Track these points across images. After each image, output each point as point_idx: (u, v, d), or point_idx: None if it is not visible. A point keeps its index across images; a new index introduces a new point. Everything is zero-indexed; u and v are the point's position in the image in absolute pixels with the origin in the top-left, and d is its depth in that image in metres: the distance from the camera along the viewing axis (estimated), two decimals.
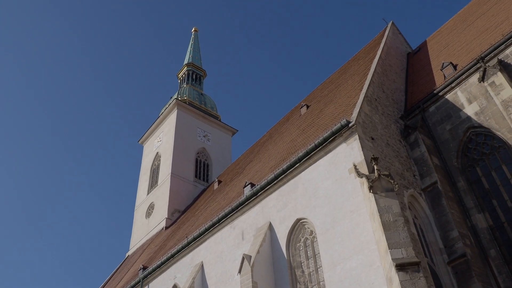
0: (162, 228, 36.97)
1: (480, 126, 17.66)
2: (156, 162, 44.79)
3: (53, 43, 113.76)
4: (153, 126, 47.85)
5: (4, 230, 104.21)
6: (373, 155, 14.63)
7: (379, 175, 13.89)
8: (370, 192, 13.69)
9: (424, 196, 16.96)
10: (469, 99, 18.43)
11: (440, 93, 19.58)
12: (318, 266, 16.09)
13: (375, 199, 13.47)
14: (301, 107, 28.16)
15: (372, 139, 16.53)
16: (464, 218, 16.62)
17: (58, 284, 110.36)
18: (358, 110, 16.87)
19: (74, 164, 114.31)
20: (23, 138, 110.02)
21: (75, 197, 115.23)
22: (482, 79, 17.71)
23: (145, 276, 25.49)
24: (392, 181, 13.88)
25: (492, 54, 18.09)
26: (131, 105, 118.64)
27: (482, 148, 17.49)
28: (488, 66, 17.64)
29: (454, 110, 18.81)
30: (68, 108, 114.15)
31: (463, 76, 18.89)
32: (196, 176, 42.28)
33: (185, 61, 55.15)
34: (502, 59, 17.77)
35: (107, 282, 39.80)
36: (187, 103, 46.77)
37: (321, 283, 15.69)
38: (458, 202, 17.06)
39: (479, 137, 17.71)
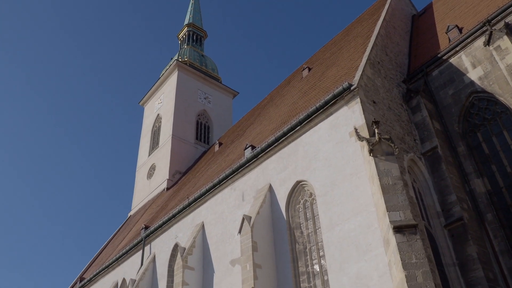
0: (164, 189, 37.39)
1: (483, 91, 17.53)
2: (157, 124, 44.82)
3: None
4: (154, 87, 47.58)
5: (6, 192, 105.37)
6: (374, 118, 14.60)
7: (379, 138, 13.90)
8: (370, 155, 13.74)
9: (424, 161, 17.05)
10: (473, 64, 18.20)
11: (444, 57, 19.33)
12: (317, 227, 16.36)
13: (375, 163, 13.55)
14: (303, 70, 27.90)
15: (374, 102, 16.46)
16: (462, 182, 16.76)
17: (62, 243, 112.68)
18: (360, 73, 16.71)
19: (76, 125, 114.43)
20: (24, 99, 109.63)
21: (78, 158, 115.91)
22: (487, 43, 17.43)
23: (147, 235, 25.97)
24: (393, 145, 13.91)
25: (499, 17, 17.73)
26: (132, 66, 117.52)
27: (484, 114, 17.43)
28: (495, 29, 17.33)
29: (458, 75, 18.62)
30: (69, 70, 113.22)
31: (468, 40, 18.58)
32: (197, 138, 42.39)
33: (186, 22, 54.20)
34: (509, 23, 17.44)
35: (110, 241, 40.63)
36: (188, 64, 46.30)
37: (319, 243, 16.00)
38: (458, 167, 17.16)
39: (482, 102, 17.61)
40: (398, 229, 12.01)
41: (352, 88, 16.10)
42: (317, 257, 15.99)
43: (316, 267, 15.88)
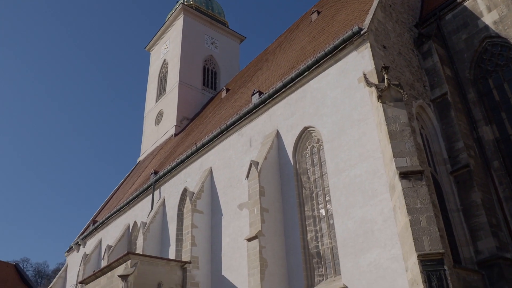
0: (172, 135, 37.65)
1: (498, 36, 17.05)
2: (163, 70, 44.43)
3: None
4: (160, 32, 46.69)
5: (22, 141, 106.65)
6: (383, 64, 14.33)
7: (388, 84, 13.71)
8: (378, 101, 13.62)
9: (433, 107, 16.91)
10: (489, 7, 17.59)
11: (458, 0, 18.66)
12: (323, 173, 16.55)
13: (383, 109, 13.45)
14: (312, 13, 27.14)
15: (384, 47, 16.11)
16: (470, 130, 16.69)
17: (75, 189, 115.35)
18: (371, 16, 16.24)
19: (83, 71, 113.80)
20: (31, 48, 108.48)
21: (87, 105, 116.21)
22: None
23: (157, 180, 26.46)
24: (402, 91, 13.74)
25: None
26: (138, 10, 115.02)
27: (497, 59, 17.05)
28: None
29: (472, 19, 18.04)
30: (75, 16, 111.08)
31: None
32: (204, 84, 42.12)
33: None
34: None
35: (120, 186, 41.50)
36: (194, 8, 45.13)
37: (325, 188, 16.24)
38: (467, 114, 17.03)
39: (495, 48, 17.18)
40: (404, 175, 12.10)
41: (362, 32, 15.70)
42: (323, 201, 16.29)
43: (322, 212, 16.22)
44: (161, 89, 43.47)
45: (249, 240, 16.38)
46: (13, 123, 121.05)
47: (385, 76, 13.86)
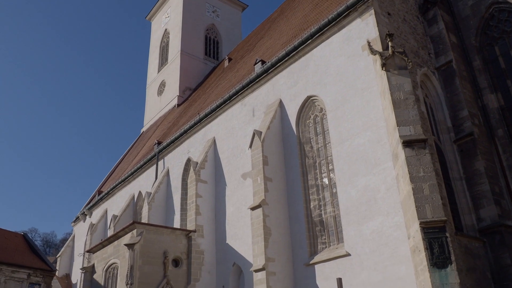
0: (174, 106, 37.55)
1: (505, 2, 16.72)
2: (165, 39, 43.90)
3: None
4: (160, 0, 45.90)
5: (30, 114, 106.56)
6: (388, 31, 14.11)
7: (393, 52, 13.53)
8: (382, 69, 13.47)
9: (438, 75, 16.73)
10: None
11: None
12: (326, 142, 16.54)
13: (387, 77, 13.31)
14: None
15: (389, 14, 15.81)
16: (475, 98, 16.56)
17: (80, 160, 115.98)
18: None
19: (84, 42, 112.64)
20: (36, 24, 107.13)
21: (90, 77, 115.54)
22: None
23: (160, 151, 26.56)
24: (406, 59, 13.57)
25: None
26: None
27: (503, 26, 16.76)
28: None
29: None
30: None
31: None
32: (206, 54, 41.67)
33: None
34: None
35: (124, 157, 41.72)
36: None
37: (329, 157, 16.27)
38: (472, 82, 16.86)
39: (502, 14, 16.86)
40: (407, 143, 12.08)
41: None
42: (326, 170, 16.35)
43: (325, 180, 16.30)
44: (163, 59, 43.08)
45: (252, 209, 16.54)
46: (21, 95, 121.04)
47: (390, 44, 13.67)
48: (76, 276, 33.73)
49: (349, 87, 15.63)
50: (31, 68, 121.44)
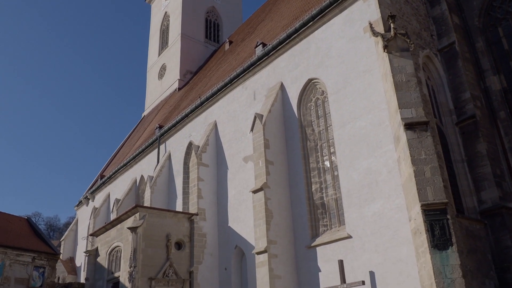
0: (175, 89, 37.45)
1: None
2: (165, 23, 43.55)
3: None
4: None
5: (32, 98, 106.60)
6: (390, 12, 13.93)
7: (395, 34, 13.40)
8: (384, 51, 13.36)
9: (440, 57, 16.61)
10: None
11: None
12: (328, 125, 16.51)
13: (389, 59, 13.21)
14: None
15: None
16: (478, 80, 16.45)
17: (82, 144, 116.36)
18: None
19: (85, 26, 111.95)
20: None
21: (90, 61, 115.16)
22: None
23: (162, 134, 26.56)
24: (408, 41, 13.43)
25: None
26: None
27: (507, 7, 16.58)
28: None
29: None
30: None
31: None
32: (206, 37, 41.40)
33: None
34: None
35: (126, 141, 41.77)
36: None
37: (330, 140, 16.26)
38: (474, 64, 16.73)
39: None
40: (409, 126, 12.04)
41: None
42: (327, 153, 16.35)
43: (327, 163, 16.31)
44: (163, 43, 42.80)
45: (254, 192, 16.60)
46: (19, 79, 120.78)
47: (392, 25, 13.52)
48: (80, 259, 34.11)
49: (351, 69, 15.53)
50: (32, 51, 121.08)
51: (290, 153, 17.42)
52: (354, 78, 15.35)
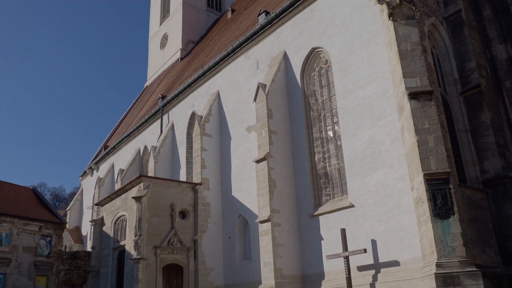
0: (177, 59, 37.12)
1: None
2: None
3: None
4: None
5: (35, 72, 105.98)
6: None
7: (400, 1, 13.13)
8: (389, 19, 13.12)
9: (446, 25, 16.29)
10: None
11: None
12: (331, 95, 16.42)
13: (394, 27, 13.00)
14: None
15: None
16: (484, 49, 16.19)
17: (85, 115, 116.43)
18: None
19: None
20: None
21: (91, 31, 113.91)
22: None
23: (165, 105, 26.50)
24: (414, 8, 13.18)
25: None
26: None
27: None
28: None
29: None
30: None
31: None
32: (208, 5, 40.74)
33: None
34: None
35: (129, 111, 41.72)
36: None
37: (333, 110, 16.20)
38: (481, 32, 16.42)
39: None
40: (413, 95, 11.96)
41: None
42: (331, 123, 16.32)
43: (330, 133, 16.30)
44: (165, 11, 42.16)
45: (257, 161, 16.67)
46: (23, 58, 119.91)
47: None
48: (86, 229, 34.64)
49: (355, 38, 15.32)
50: (38, 27, 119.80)
51: (293, 123, 17.40)
52: (358, 47, 15.16)
